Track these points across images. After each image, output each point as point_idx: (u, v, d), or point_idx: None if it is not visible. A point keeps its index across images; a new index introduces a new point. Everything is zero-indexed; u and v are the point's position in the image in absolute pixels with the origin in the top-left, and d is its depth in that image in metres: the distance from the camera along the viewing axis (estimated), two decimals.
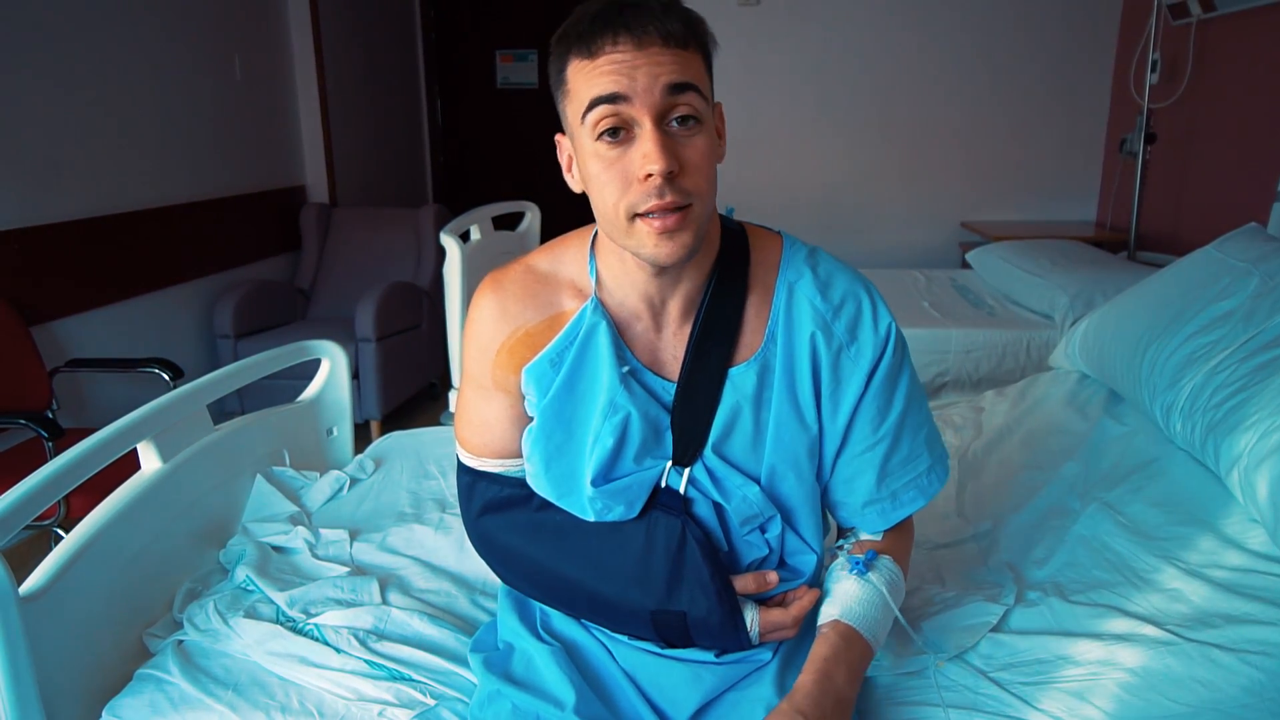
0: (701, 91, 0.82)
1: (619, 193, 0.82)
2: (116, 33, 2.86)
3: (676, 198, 0.81)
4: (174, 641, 1.13)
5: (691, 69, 0.81)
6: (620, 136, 0.81)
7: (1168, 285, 1.65)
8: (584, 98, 0.81)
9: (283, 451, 1.61)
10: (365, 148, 4.55)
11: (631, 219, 0.83)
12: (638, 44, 0.79)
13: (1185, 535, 1.17)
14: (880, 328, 0.94)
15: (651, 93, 0.79)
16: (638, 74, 0.79)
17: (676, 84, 0.80)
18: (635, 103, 0.79)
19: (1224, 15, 2.79)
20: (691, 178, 0.82)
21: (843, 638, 0.91)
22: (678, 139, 0.81)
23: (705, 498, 0.93)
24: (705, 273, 0.93)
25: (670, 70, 0.79)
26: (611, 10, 0.80)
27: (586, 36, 0.80)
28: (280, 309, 3.55)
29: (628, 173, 0.81)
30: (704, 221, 0.85)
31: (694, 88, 0.81)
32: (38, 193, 2.56)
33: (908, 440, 0.98)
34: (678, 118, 0.81)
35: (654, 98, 0.79)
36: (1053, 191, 3.82)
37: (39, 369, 2.39)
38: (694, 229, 0.83)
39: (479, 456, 1.01)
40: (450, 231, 2.48)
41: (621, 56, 0.79)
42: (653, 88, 0.79)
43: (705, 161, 0.83)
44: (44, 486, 1.02)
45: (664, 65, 0.79)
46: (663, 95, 0.80)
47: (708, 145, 0.83)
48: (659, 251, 0.83)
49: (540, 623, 1.04)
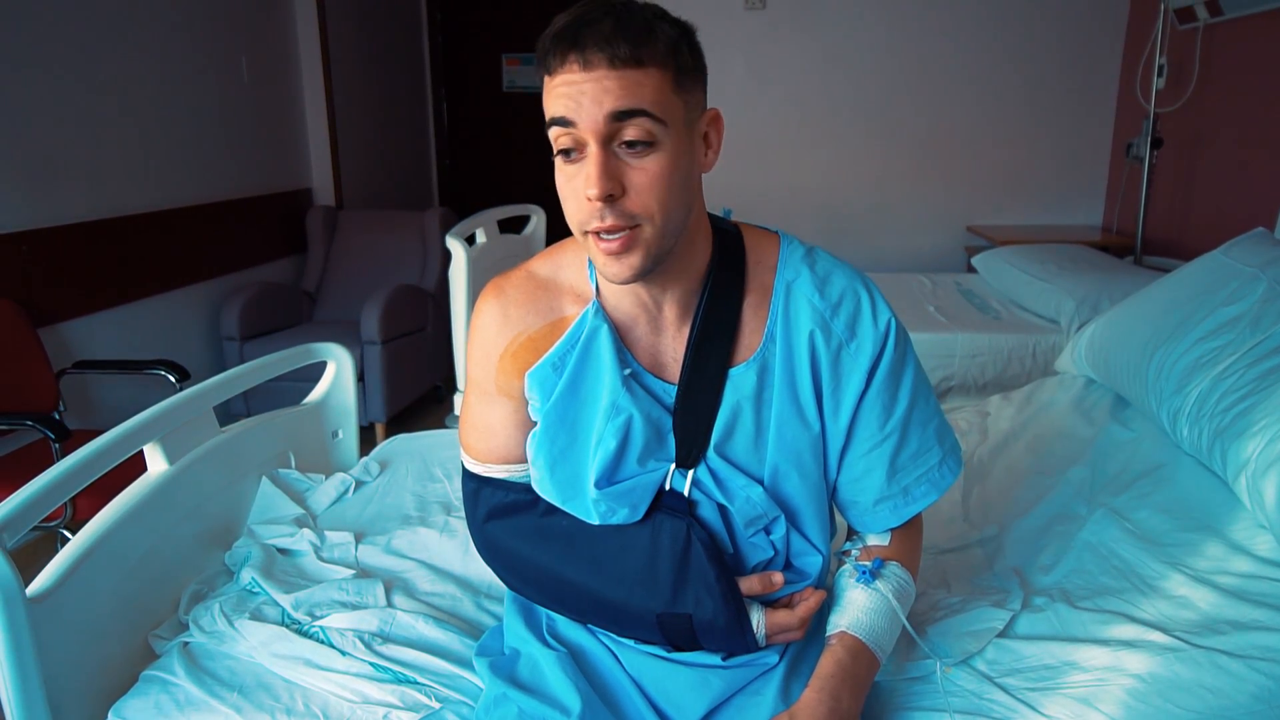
0: (654, 114, 0.79)
1: (573, 210, 0.83)
2: (125, 36, 2.87)
3: (618, 220, 0.81)
4: (179, 643, 1.14)
5: (643, 91, 0.79)
6: (573, 156, 0.82)
7: (1174, 290, 1.64)
8: (546, 113, 0.83)
9: (288, 454, 1.61)
10: (371, 150, 4.56)
11: (584, 235, 0.84)
12: (585, 66, 0.78)
13: (1192, 541, 1.17)
14: (880, 323, 0.94)
15: (596, 118, 0.79)
16: (584, 99, 0.79)
17: (620, 111, 0.79)
18: (579, 127, 0.80)
19: (1231, 20, 2.79)
20: (638, 200, 0.81)
21: (849, 652, 0.90)
22: (626, 161, 0.81)
23: (709, 499, 0.93)
24: (699, 275, 0.93)
25: (615, 96, 0.78)
26: (569, 28, 0.79)
27: (547, 54, 0.81)
28: (286, 311, 3.56)
29: (579, 191, 0.82)
30: (660, 241, 0.84)
31: (643, 112, 0.79)
32: (46, 195, 2.57)
33: (916, 434, 0.97)
34: (625, 141, 0.80)
35: (598, 123, 0.79)
36: (1059, 196, 3.81)
37: (46, 371, 2.40)
38: (643, 250, 0.83)
39: (484, 462, 1.01)
40: (456, 234, 2.49)
41: (572, 79, 0.79)
42: (597, 114, 0.79)
43: (657, 183, 0.81)
44: (51, 488, 1.03)
45: (609, 90, 0.78)
46: (606, 121, 0.79)
47: (662, 166, 0.81)
48: (609, 269, 0.85)
49: (546, 628, 1.04)
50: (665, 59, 0.80)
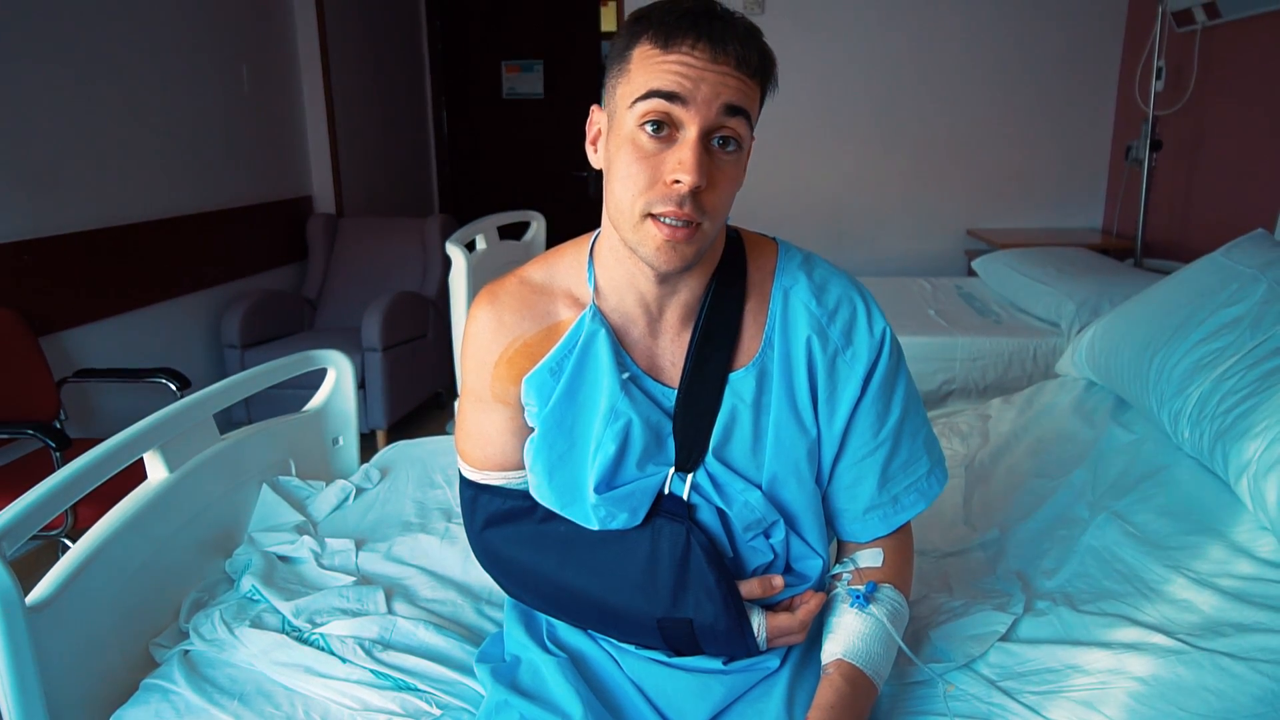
0: (751, 120, 0.84)
1: (641, 187, 0.82)
2: (127, 46, 2.88)
3: (694, 212, 0.82)
4: (180, 651, 1.13)
5: (751, 97, 0.83)
6: (663, 133, 0.82)
7: (1175, 292, 1.64)
8: (642, 85, 0.82)
9: (289, 461, 1.61)
10: (372, 158, 4.57)
11: (644, 217, 0.83)
12: (713, 56, 0.80)
13: (1195, 544, 1.16)
14: (875, 331, 0.95)
15: (709, 105, 0.80)
16: (703, 83, 0.80)
17: (734, 106, 0.81)
18: (690, 108, 0.80)
19: (1229, 22, 2.79)
20: (714, 196, 0.83)
21: (847, 681, 0.90)
22: (715, 157, 0.82)
23: (709, 504, 0.93)
24: (705, 280, 0.94)
25: (733, 91, 0.81)
26: (702, 14, 0.81)
27: (668, 27, 0.81)
28: (287, 319, 3.57)
29: (658, 170, 0.82)
30: (709, 240, 0.86)
31: (746, 114, 0.83)
32: (47, 204, 2.58)
33: (907, 444, 0.98)
34: (721, 138, 0.82)
35: (709, 111, 0.80)
36: (1059, 199, 3.81)
37: (47, 379, 2.40)
38: (698, 246, 0.85)
39: (481, 470, 1.01)
40: (456, 241, 2.49)
41: (695, 60, 0.80)
42: (712, 101, 0.80)
43: (730, 185, 0.84)
44: (51, 496, 1.02)
45: (729, 85, 0.81)
46: (718, 112, 0.81)
47: (737, 171, 0.85)
48: (659, 257, 0.84)
49: (547, 634, 1.04)
50: (767, 80, 0.86)
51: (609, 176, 0.86)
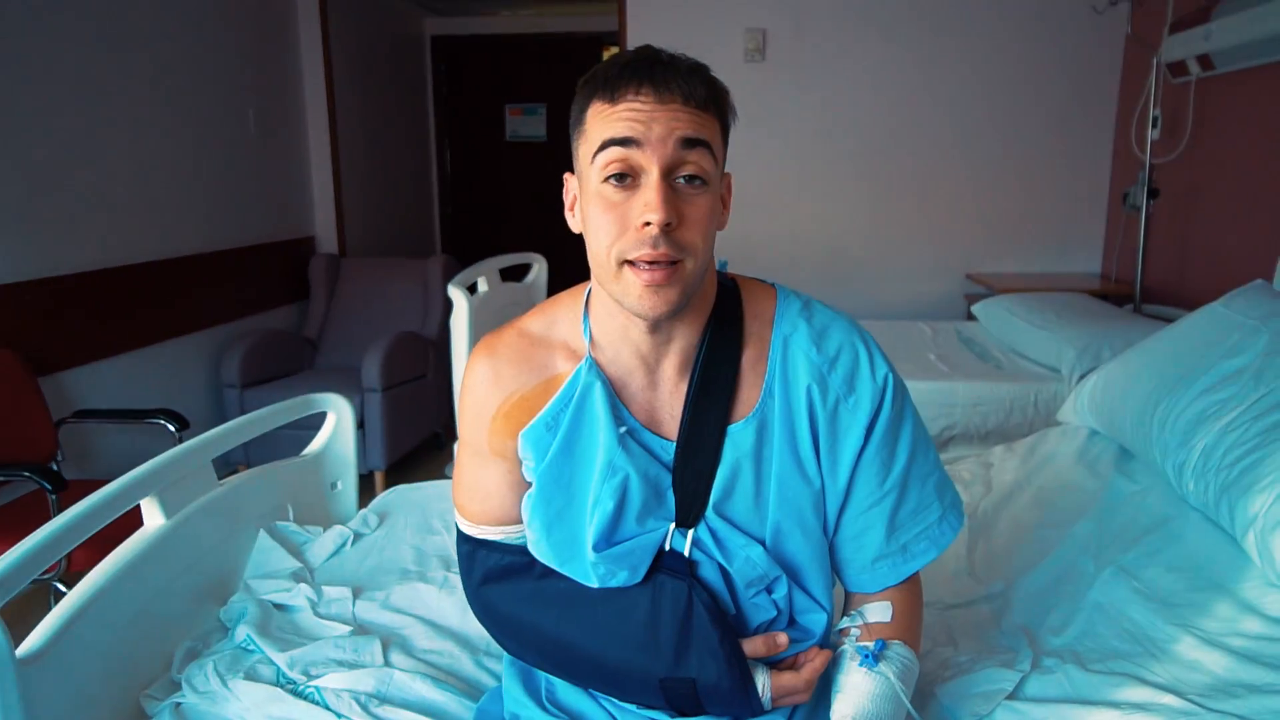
0: (713, 152, 0.84)
1: (613, 237, 0.83)
2: (130, 85, 2.91)
3: (670, 251, 0.81)
4: (172, 704, 1.11)
5: (707, 128, 0.83)
6: (626, 182, 0.82)
7: (1176, 342, 1.64)
8: (597, 138, 0.83)
9: (286, 506, 1.60)
10: (375, 199, 4.61)
11: (621, 265, 0.83)
12: (659, 97, 0.81)
13: (1203, 602, 1.15)
14: (878, 377, 0.93)
15: (664, 143, 0.81)
16: (654, 124, 0.81)
17: (690, 139, 0.81)
18: (646, 150, 0.81)
19: (1223, 74, 2.83)
20: (688, 233, 0.82)
21: None
22: (681, 194, 0.82)
23: (710, 560, 0.92)
24: (699, 329, 0.93)
25: (686, 125, 0.81)
26: (641, 62, 0.83)
27: (612, 81, 0.82)
28: (287, 359, 3.56)
29: (626, 218, 0.82)
30: (694, 280, 0.85)
31: (706, 145, 0.83)
32: (48, 244, 2.59)
33: (915, 490, 0.96)
34: (685, 175, 0.82)
35: (665, 149, 0.81)
36: (1057, 244, 3.84)
37: (45, 420, 2.39)
38: (681, 286, 0.84)
39: (478, 524, 1.00)
40: (458, 283, 2.50)
41: (641, 105, 0.81)
42: (666, 139, 0.81)
43: (705, 220, 0.84)
44: (46, 545, 1.01)
45: (680, 120, 0.81)
46: (674, 148, 0.81)
47: (710, 206, 0.84)
48: (643, 303, 0.83)
49: (545, 694, 1.02)
50: (722, 110, 0.86)
51: (586, 235, 0.87)
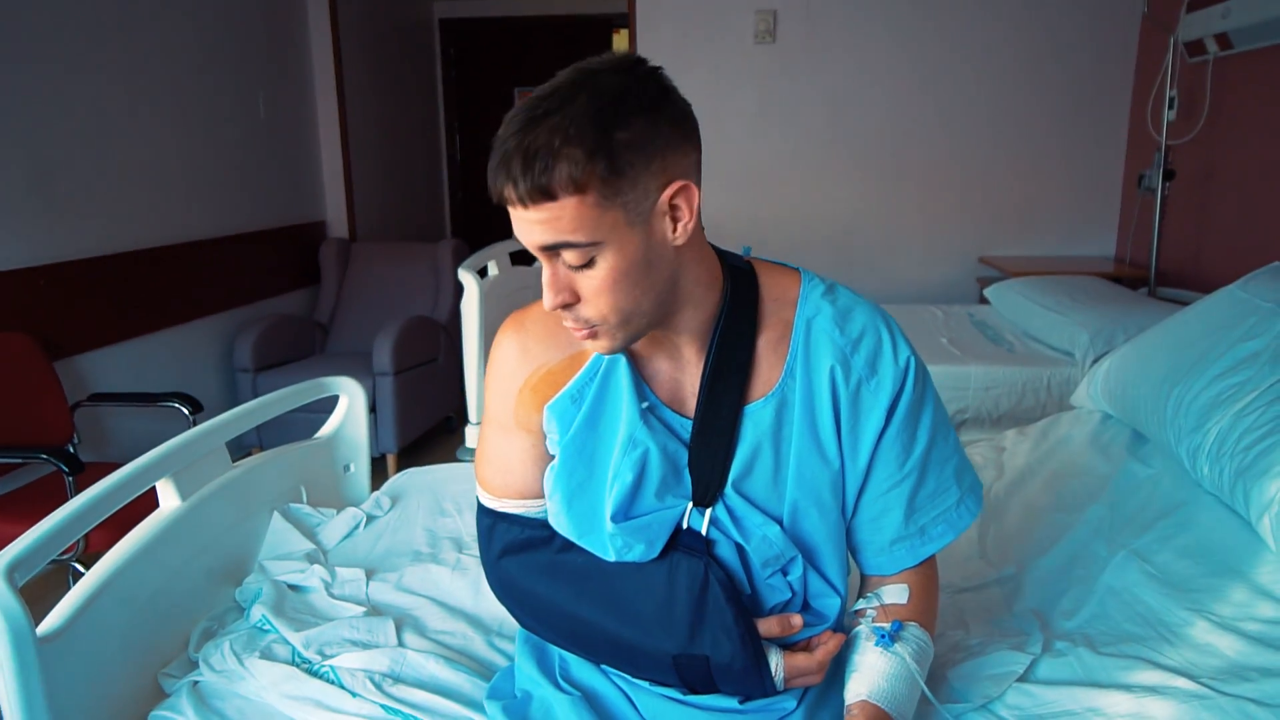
0: (576, 242, 0.79)
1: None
2: (143, 71, 2.92)
3: (576, 324, 0.85)
4: (189, 682, 1.13)
5: (561, 222, 0.78)
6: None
7: (1191, 325, 1.63)
8: None
9: (300, 488, 1.61)
10: (385, 183, 4.61)
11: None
12: (511, 203, 0.80)
13: (1216, 586, 1.14)
14: (900, 360, 0.93)
15: (532, 246, 0.82)
16: (519, 226, 0.82)
17: (544, 245, 0.81)
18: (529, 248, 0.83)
19: (1241, 53, 2.79)
20: (588, 307, 0.84)
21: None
22: (576, 274, 0.83)
23: (728, 539, 0.92)
24: (710, 314, 0.92)
25: (539, 230, 0.80)
26: (492, 160, 0.80)
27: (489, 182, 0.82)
28: (299, 343, 3.58)
29: None
30: (626, 330, 0.86)
31: (565, 245, 0.80)
32: (63, 229, 2.60)
33: (934, 473, 0.96)
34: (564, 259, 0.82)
35: (536, 249, 0.82)
36: (1071, 226, 3.81)
37: (61, 404, 2.41)
38: (610, 339, 0.86)
39: (500, 497, 1.01)
40: (468, 267, 2.50)
41: (510, 209, 0.82)
42: (531, 244, 0.82)
43: (605, 290, 0.82)
44: (65, 526, 1.02)
45: (533, 224, 0.80)
46: (539, 250, 0.82)
47: (608, 272, 0.81)
48: (590, 348, 0.89)
49: (559, 671, 1.03)
50: (577, 184, 0.77)
51: None
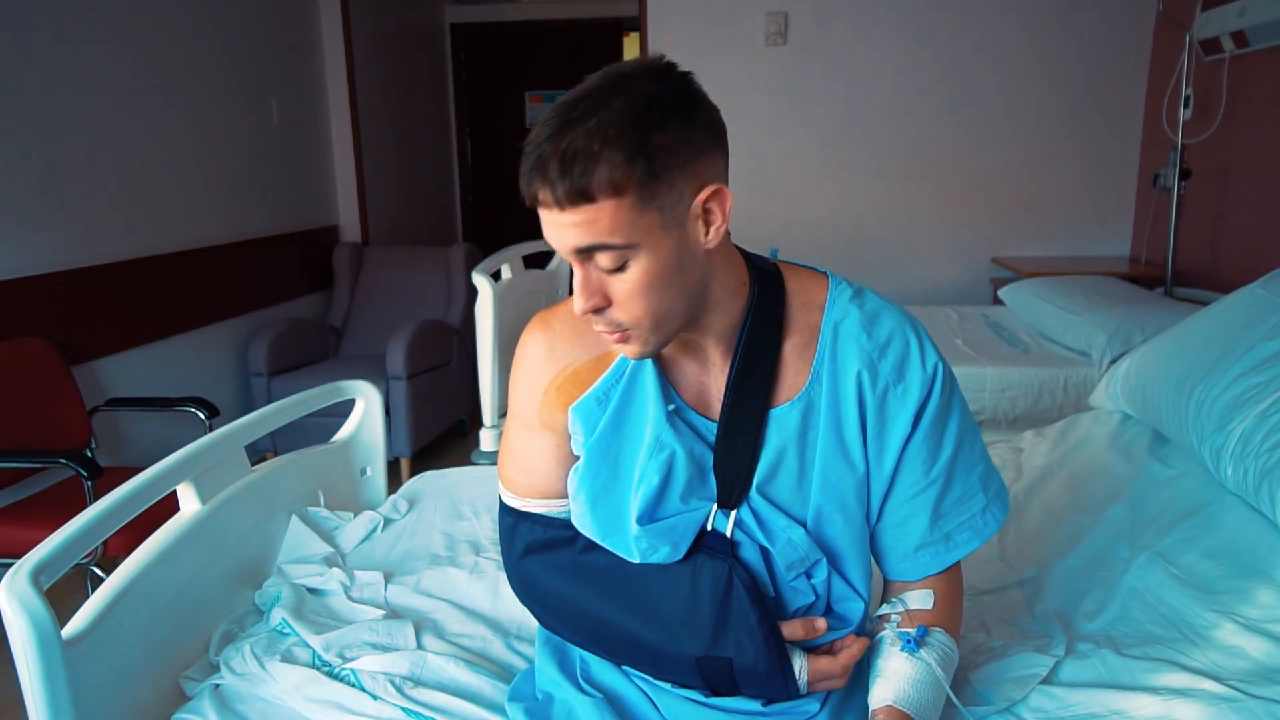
0: (613, 244, 0.79)
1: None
2: (158, 81, 2.94)
3: (607, 327, 0.84)
4: (211, 685, 1.13)
5: (599, 224, 0.78)
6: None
7: (1212, 324, 1.62)
8: None
9: (317, 492, 1.61)
10: (397, 188, 4.62)
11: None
12: (547, 206, 0.80)
13: (1243, 588, 1.13)
14: (928, 366, 0.93)
15: (566, 251, 0.82)
16: (552, 230, 0.81)
17: (579, 248, 0.80)
18: (561, 252, 0.82)
19: (1258, 51, 2.77)
20: (621, 310, 0.83)
21: None
22: (609, 278, 0.82)
23: (752, 541, 0.92)
24: (736, 317, 0.92)
25: (574, 233, 0.79)
26: (526, 164, 0.80)
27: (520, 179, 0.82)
28: (313, 347, 3.59)
29: None
30: (658, 334, 0.85)
31: (601, 247, 0.79)
32: (79, 235, 2.62)
33: (960, 480, 0.96)
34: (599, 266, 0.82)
35: (569, 253, 0.82)
36: (1085, 226, 3.78)
37: (79, 408, 2.42)
38: (642, 345, 0.86)
39: (523, 497, 1.01)
40: (482, 270, 2.50)
41: (544, 212, 0.81)
42: (563, 248, 0.81)
43: (638, 293, 0.82)
44: (87, 531, 1.03)
45: (568, 228, 0.79)
46: (572, 254, 0.81)
47: (641, 276, 0.81)
48: (621, 352, 0.89)
49: (580, 672, 1.03)
50: (616, 187, 0.77)
51: None
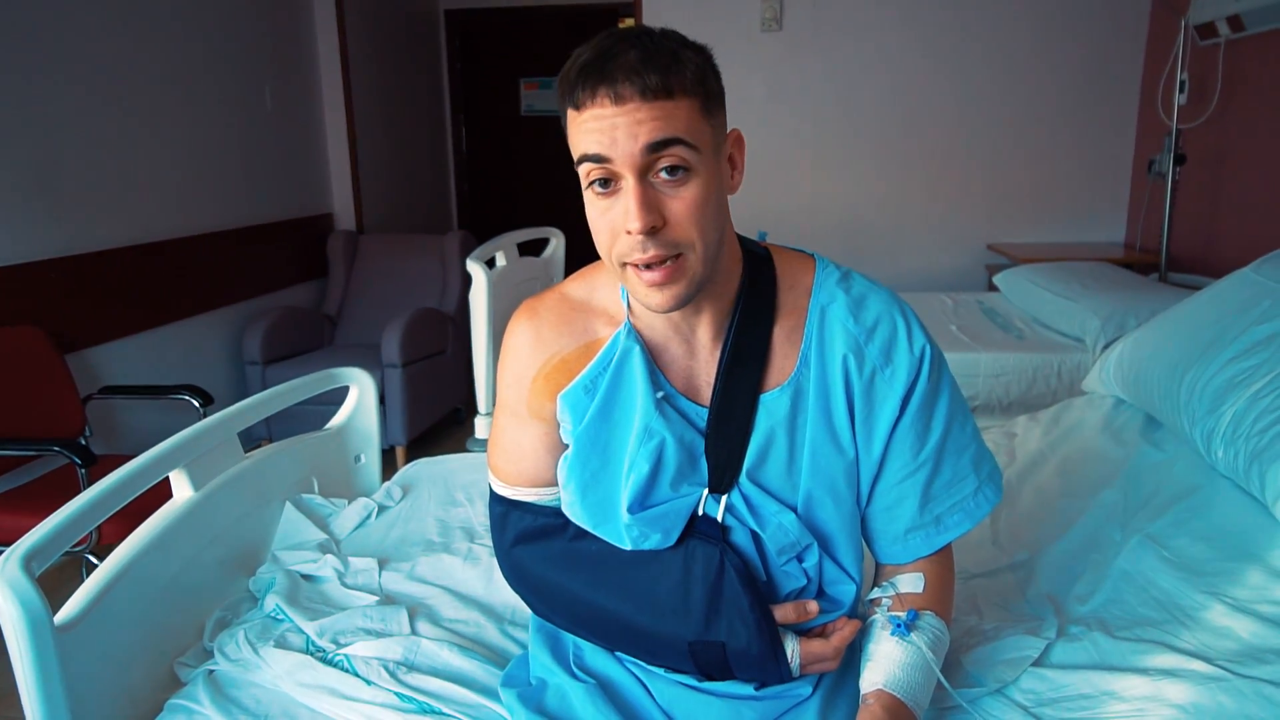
0: (689, 141, 0.79)
1: (609, 241, 0.83)
2: (150, 65, 2.92)
3: (661, 251, 0.81)
4: (205, 671, 1.13)
5: (677, 120, 0.79)
6: (610, 187, 0.81)
7: (1205, 308, 1.62)
8: (575, 149, 0.82)
9: (311, 479, 1.61)
10: (392, 175, 4.60)
11: (622, 266, 0.84)
12: (616, 100, 0.78)
13: (1232, 570, 1.14)
14: (915, 348, 0.93)
15: (632, 152, 0.79)
16: (618, 133, 0.78)
17: (656, 142, 0.78)
18: (617, 161, 0.79)
19: (1253, 35, 2.77)
20: (679, 229, 0.81)
21: (888, 712, 0.88)
22: (664, 191, 0.81)
23: (743, 526, 0.92)
24: (729, 299, 0.92)
25: (650, 128, 0.78)
26: (594, 62, 0.79)
27: (573, 88, 0.80)
28: (307, 335, 3.59)
29: (615, 224, 0.82)
30: (702, 269, 0.84)
31: (678, 141, 0.79)
32: (73, 223, 2.61)
33: (951, 463, 0.96)
34: (665, 168, 0.80)
35: (634, 157, 0.79)
36: (1080, 213, 3.79)
37: (73, 397, 2.42)
38: (686, 279, 0.83)
39: (513, 485, 1.01)
40: (476, 258, 2.50)
41: (603, 113, 0.79)
42: (632, 147, 0.78)
43: (696, 210, 0.81)
44: (80, 516, 1.03)
45: (643, 123, 0.78)
46: (643, 153, 0.79)
47: (699, 193, 0.81)
48: (651, 299, 0.84)
49: (574, 658, 1.03)
50: (694, 86, 0.80)
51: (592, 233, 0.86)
